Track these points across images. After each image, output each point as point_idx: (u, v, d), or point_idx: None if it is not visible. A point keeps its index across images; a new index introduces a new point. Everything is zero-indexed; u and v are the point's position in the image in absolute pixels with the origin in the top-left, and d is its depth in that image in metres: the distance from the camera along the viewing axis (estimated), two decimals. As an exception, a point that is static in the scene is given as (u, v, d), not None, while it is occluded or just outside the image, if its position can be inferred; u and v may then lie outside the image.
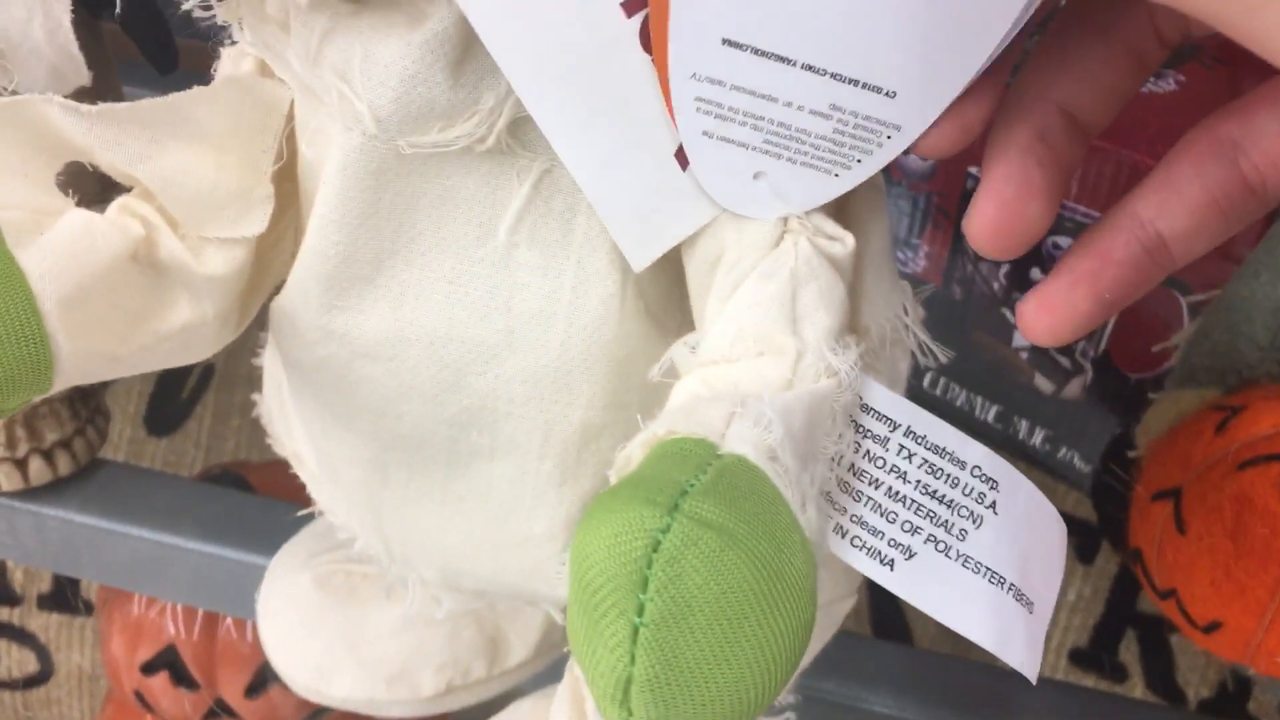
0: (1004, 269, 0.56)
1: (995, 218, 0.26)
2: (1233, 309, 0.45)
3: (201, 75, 0.32)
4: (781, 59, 0.25)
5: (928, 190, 0.57)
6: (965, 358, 0.60)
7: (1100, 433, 0.57)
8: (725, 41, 0.25)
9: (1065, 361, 0.57)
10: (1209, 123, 0.26)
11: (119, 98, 0.51)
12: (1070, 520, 0.68)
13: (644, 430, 0.26)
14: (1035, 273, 0.55)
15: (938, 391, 0.62)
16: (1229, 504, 0.39)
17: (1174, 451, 0.42)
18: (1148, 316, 0.53)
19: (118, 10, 0.46)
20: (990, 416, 0.61)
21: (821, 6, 0.24)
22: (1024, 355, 0.59)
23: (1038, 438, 0.60)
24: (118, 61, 0.51)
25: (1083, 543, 0.73)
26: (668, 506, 0.21)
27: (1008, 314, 0.58)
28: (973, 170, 0.55)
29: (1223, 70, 0.52)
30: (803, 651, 0.23)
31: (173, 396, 0.88)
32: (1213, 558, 0.39)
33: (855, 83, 0.26)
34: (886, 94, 0.26)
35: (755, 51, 0.25)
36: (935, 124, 0.27)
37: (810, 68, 0.25)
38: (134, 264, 0.30)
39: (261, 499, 0.57)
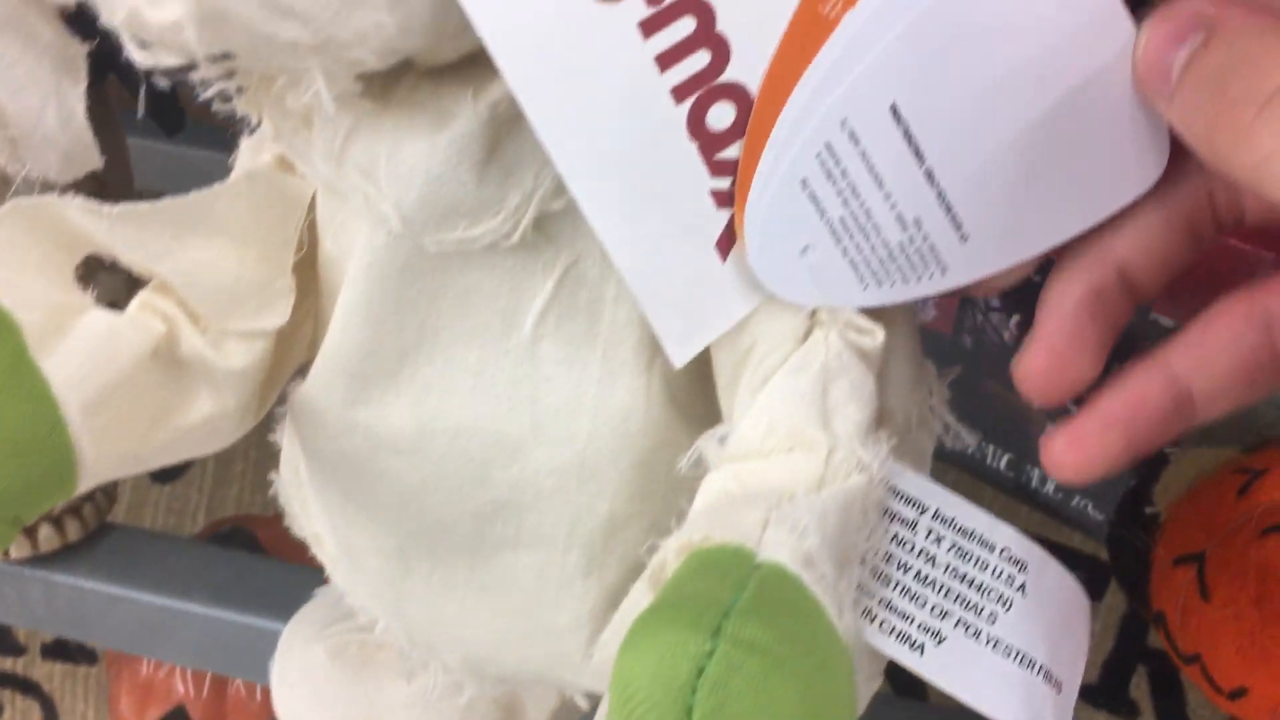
0: (1014, 319, 0.56)
1: (1045, 366, 0.27)
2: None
3: (212, 129, 0.31)
4: (918, 153, 0.26)
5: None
6: (976, 406, 0.60)
7: (1114, 482, 0.57)
8: (892, 109, 0.25)
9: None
10: (1248, 290, 0.27)
11: (125, 163, 0.51)
12: (1078, 557, 0.68)
13: (677, 534, 0.26)
14: (1046, 324, 0.55)
15: (948, 438, 0.62)
16: (1254, 571, 0.39)
17: (1196, 515, 0.42)
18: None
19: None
20: (1002, 464, 0.61)
21: (984, 135, 0.26)
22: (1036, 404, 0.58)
23: (1050, 486, 0.60)
24: (124, 112, 0.51)
25: (1091, 579, 0.73)
26: (711, 629, 0.21)
27: (1018, 364, 0.58)
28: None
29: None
30: (845, 764, 0.23)
31: (175, 443, 0.88)
32: (1238, 625, 0.39)
33: (949, 209, 0.26)
34: (962, 235, 0.27)
35: (906, 133, 0.25)
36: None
37: (930, 175, 0.26)
38: (155, 361, 0.30)
39: (270, 561, 0.56)
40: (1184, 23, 0.24)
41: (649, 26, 0.24)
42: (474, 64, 0.26)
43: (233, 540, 0.66)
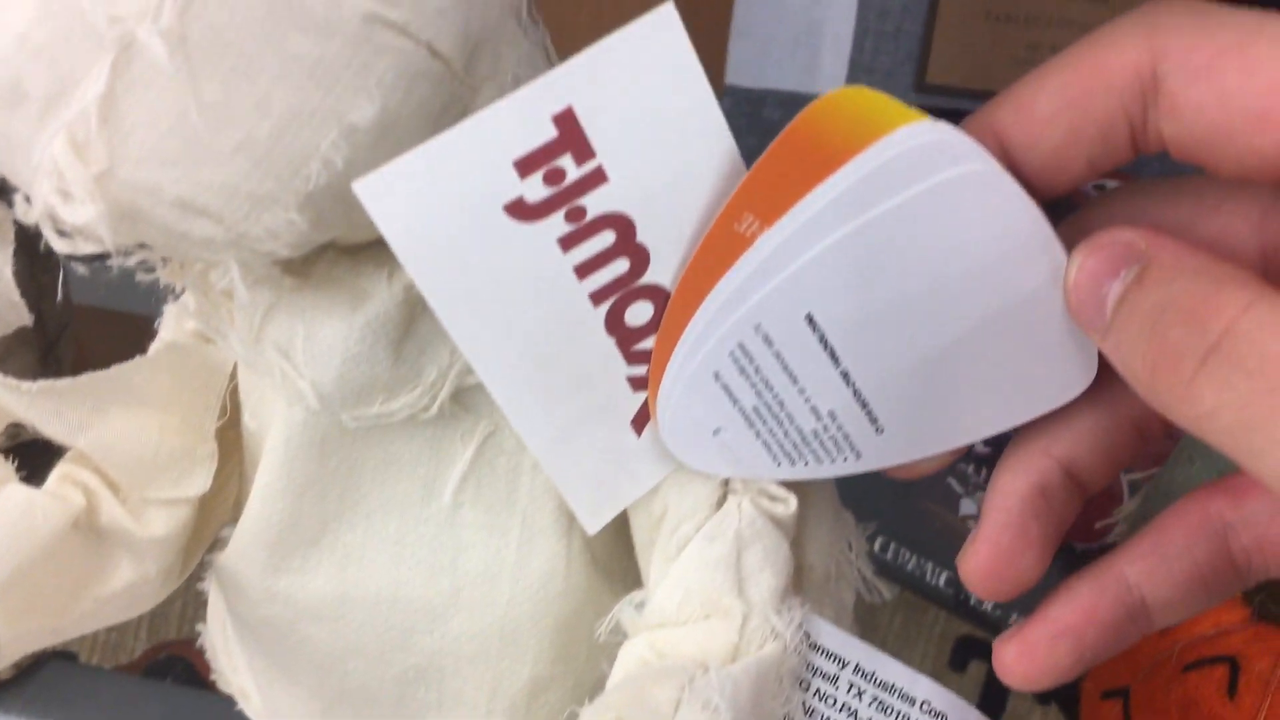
0: (948, 441, 0.57)
1: (990, 563, 0.27)
2: (1170, 494, 0.46)
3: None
4: (834, 356, 0.26)
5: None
6: (914, 525, 0.61)
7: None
8: (807, 318, 0.25)
9: (1012, 532, 0.58)
10: (1202, 497, 0.26)
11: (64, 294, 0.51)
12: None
13: (592, 708, 0.26)
14: (979, 448, 0.56)
15: (889, 556, 0.63)
16: (1175, 708, 0.39)
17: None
18: (1090, 491, 0.53)
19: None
20: (941, 582, 0.62)
21: (903, 346, 0.25)
22: (971, 523, 0.59)
23: (989, 603, 0.61)
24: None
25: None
26: None
27: (953, 483, 0.59)
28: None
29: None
30: None
31: (117, 560, 0.86)
32: (1163, 761, 0.39)
33: (865, 406, 0.26)
34: (878, 428, 0.27)
35: (821, 339, 0.25)
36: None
37: (846, 375, 0.26)
38: (75, 532, 0.30)
39: (205, 695, 0.55)
40: (1116, 254, 0.23)
41: (568, 242, 0.25)
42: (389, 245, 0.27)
43: (168, 670, 0.65)
